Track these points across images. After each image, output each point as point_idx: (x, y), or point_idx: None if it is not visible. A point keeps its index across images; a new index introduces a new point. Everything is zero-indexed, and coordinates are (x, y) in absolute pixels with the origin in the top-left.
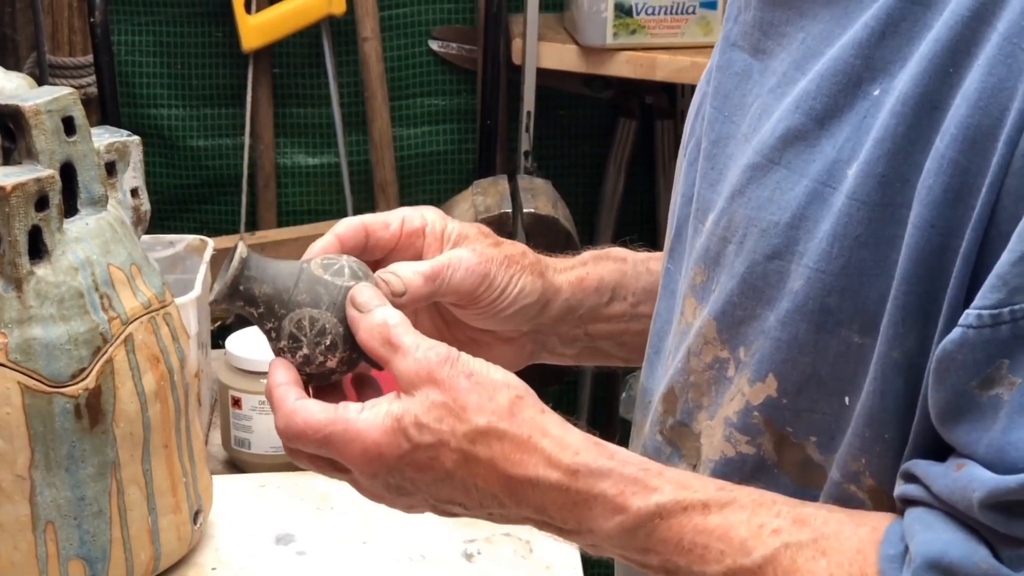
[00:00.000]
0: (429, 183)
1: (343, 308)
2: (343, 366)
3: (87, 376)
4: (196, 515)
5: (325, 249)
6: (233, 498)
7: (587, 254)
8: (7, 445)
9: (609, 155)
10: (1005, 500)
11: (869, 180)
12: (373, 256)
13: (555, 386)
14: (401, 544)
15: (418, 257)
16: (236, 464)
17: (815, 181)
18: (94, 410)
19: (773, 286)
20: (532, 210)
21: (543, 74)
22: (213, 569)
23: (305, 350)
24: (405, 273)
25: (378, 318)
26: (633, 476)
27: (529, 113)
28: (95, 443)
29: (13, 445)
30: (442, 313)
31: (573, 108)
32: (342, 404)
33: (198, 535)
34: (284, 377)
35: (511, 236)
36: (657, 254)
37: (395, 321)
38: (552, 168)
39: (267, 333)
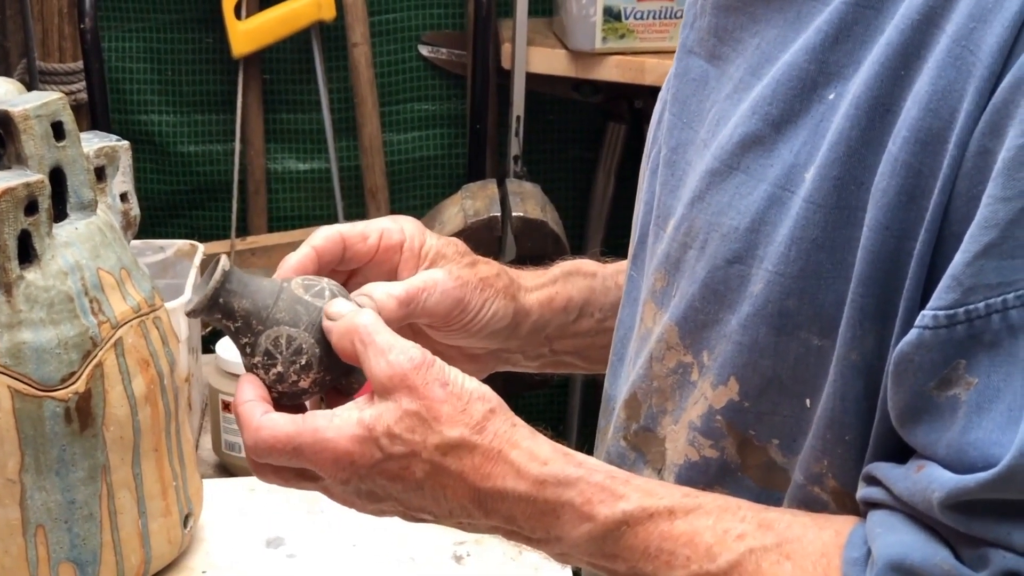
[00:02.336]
0: (419, 188)
1: (320, 330)
2: (315, 387)
3: (77, 380)
4: (186, 519)
5: (301, 262)
6: (223, 502)
7: (558, 269)
8: None
9: (598, 159)
10: (965, 500)
11: (825, 183)
12: (348, 267)
13: (542, 391)
14: (391, 547)
15: (393, 272)
16: (226, 468)
17: (773, 185)
18: (84, 414)
19: (734, 290)
20: (521, 214)
21: (532, 79)
22: (203, 572)
23: (279, 368)
24: (379, 295)
25: (350, 321)
26: (600, 484)
27: (519, 118)
28: (85, 447)
29: (3, 449)
30: (410, 324)
31: (562, 113)
32: (310, 413)
33: (188, 539)
34: (251, 393)
35: (500, 240)
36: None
37: (367, 321)
38: (541, 172)
39: (241, 348)
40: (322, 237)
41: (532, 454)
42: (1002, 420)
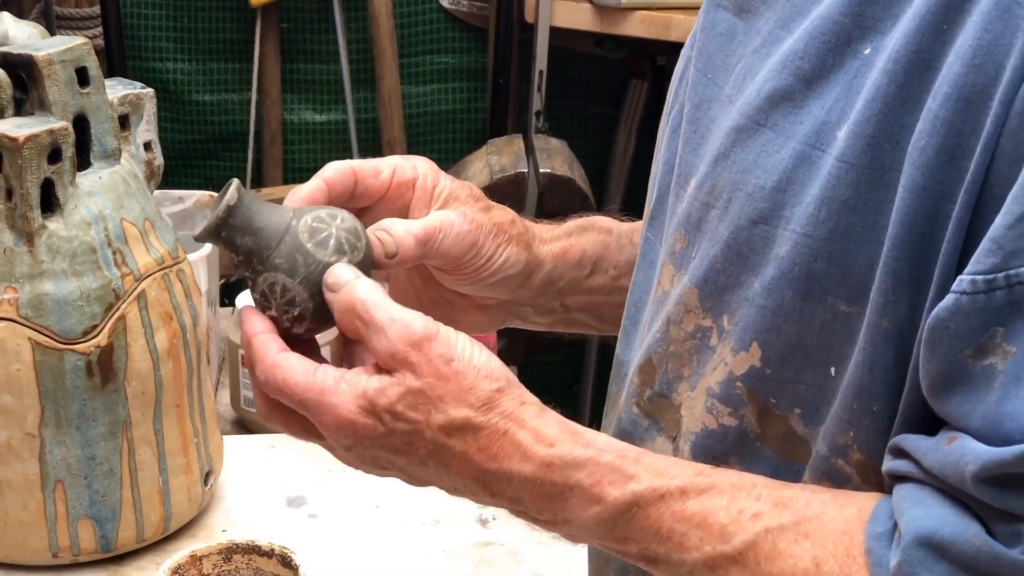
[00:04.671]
0: (438, 141)
1: (316, 284)
2: (310, 334)
3: (99, 333)
4: (207, 476)
5: (311, 194)
6: (243, 459)
7: (572, 223)
8: (17, 402)
9: (620, 116)
10: (1000, 473)
11: (859, 142)
12: (360, 204)
13: (561, 352)
14: (415, 509)
15: (405, 210)
16: (245, 424)
17: (803, 143)
18: (106, 368)
19: (758, 252)
20: (548, 170)
21: (554, 33)
22: (224, 531)
23: (273, 312)
24: (398, 232)
25: (348, 295)
26: (610, 464)
27: (541, 72)
28: (106, 401)
29: (23, 402)
30: (419, 270)
31: (584, 68)
32: (321, 368)
33: (208, 496)
34: (261, 326)
35: (524, 196)
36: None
37: (364, 295)
38: (562, 128)
39: (246, 279)
40: (333, 170)
41: (539, 435)
42: None
